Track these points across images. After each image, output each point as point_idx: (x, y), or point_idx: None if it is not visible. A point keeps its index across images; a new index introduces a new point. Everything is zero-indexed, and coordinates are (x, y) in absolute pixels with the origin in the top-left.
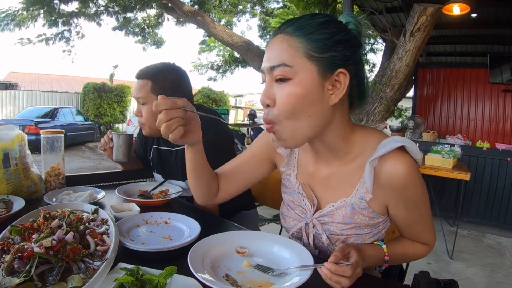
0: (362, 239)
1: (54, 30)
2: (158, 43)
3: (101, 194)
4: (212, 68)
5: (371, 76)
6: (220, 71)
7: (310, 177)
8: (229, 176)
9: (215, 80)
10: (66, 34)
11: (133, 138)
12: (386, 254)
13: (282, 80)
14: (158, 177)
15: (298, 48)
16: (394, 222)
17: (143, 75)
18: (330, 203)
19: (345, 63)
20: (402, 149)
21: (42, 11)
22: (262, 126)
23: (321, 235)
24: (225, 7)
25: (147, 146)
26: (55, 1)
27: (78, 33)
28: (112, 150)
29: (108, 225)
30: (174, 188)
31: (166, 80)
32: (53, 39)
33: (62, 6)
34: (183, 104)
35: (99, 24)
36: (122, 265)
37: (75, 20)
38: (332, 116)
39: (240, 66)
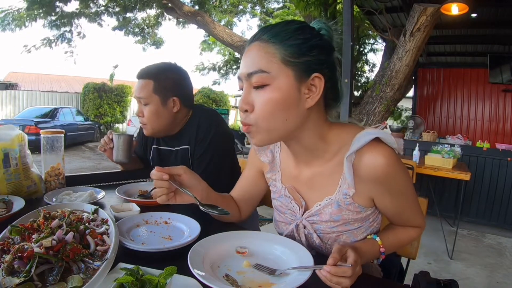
0: (354, 235)
1: (55, 31)
2: (158, 43)
3: (101, 194)
4: (214, 69)
5: (371, 76)
6: (222, 72)
7: (294, 180)
8: (241, 196)
9: (219, 84)
10: (68, 35)
11: (134, 139)
12: (381, 246)
13: (260, 86)
14: None
15: (274, 54)
16: (382, 213)
17: (145, 74)
18: (317, 202)
19: (320, 67)
20: (378, 140)
21: (41, 11)
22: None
23: (312, 234)
24: (225, 7)
25: (147, 146)
26: (55, 2)
27: (79, 33)
28: (112, 151)
29: (108, 225)
30: None
31: (168, 80)
32: (56, 41)
33: (63, 7)
34: (173, 174)
35: (100, 24)
36: (122, 265)
37: (75, 20)
38: (307, 118)
39: None
